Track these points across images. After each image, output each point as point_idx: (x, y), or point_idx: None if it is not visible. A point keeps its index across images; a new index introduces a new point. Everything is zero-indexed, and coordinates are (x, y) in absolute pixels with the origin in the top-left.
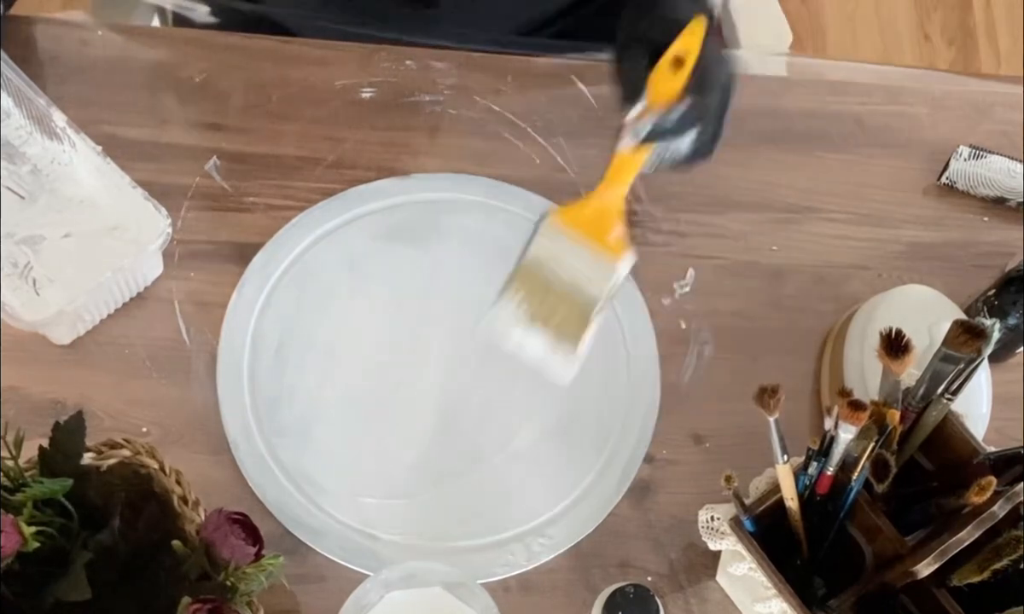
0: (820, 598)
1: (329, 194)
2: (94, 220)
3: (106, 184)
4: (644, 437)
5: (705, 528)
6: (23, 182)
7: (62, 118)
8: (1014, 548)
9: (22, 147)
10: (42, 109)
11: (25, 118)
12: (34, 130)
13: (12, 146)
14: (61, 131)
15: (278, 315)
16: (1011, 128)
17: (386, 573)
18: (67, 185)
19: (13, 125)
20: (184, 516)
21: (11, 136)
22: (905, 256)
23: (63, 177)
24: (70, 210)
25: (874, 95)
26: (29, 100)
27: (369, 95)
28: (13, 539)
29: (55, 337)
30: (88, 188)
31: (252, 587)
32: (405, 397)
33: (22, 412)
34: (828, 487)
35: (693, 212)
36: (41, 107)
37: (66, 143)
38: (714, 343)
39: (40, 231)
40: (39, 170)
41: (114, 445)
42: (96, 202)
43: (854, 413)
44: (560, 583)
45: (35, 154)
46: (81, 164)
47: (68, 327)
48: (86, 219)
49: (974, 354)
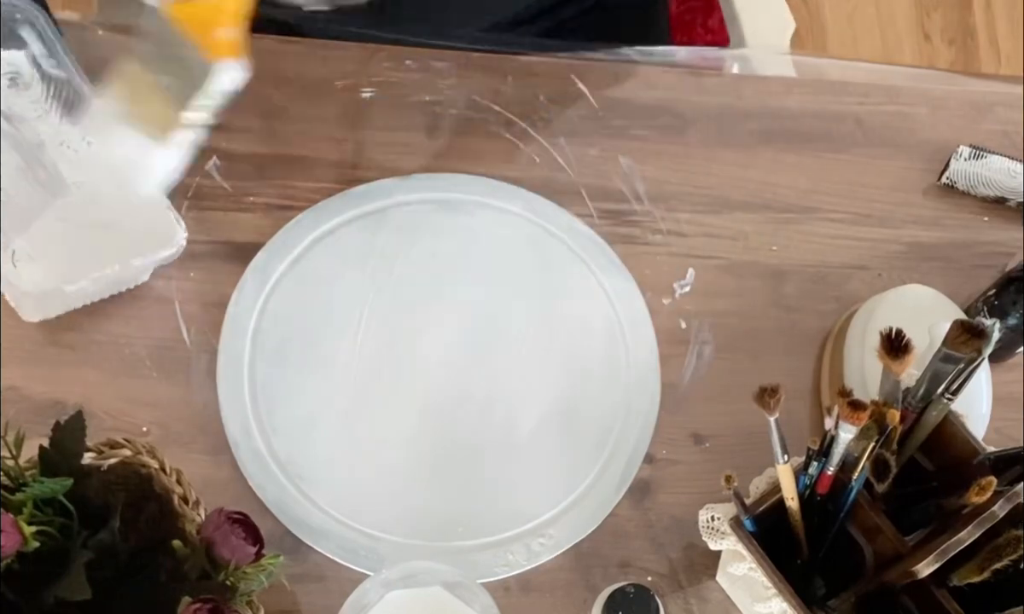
0: (820, 598)
1: (329, 194)
2: (89, 213)
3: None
4: (644, 437)
5: (705, 528)
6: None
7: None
8: (1014, 548)
9: (35, 121)
10: (72, 95)
11: (48, 97)
12: (53, 109)
13: (23, 119)
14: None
15: (278, 315)
16: (1011, 128)
17: (386, 573)
18: (69, 171)
19: (30, 97)
20: (184, 516)
21: (25, 108)
22: (905, 256)
23: (67, 162)
24: (68, 196)
25: (874, 95)
26: (67, 83)
27: (369, 95)
28: (13, 539)
29: (23, 312)
30: (95, 182)
31: (252, 587)
32: (405, 397)
33: (22, 412)
34: (828, 487)
35: (693, 212)
36: (72, 93)
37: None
38: (714, 343)
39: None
40: (45, 147)
41: (114, 445)
42: (96, 197)
43: (854, 413)
44: (560, 583)
45: (45, 132)
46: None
47: (35, 307)
48: (82, 210)
49: (974, 354)
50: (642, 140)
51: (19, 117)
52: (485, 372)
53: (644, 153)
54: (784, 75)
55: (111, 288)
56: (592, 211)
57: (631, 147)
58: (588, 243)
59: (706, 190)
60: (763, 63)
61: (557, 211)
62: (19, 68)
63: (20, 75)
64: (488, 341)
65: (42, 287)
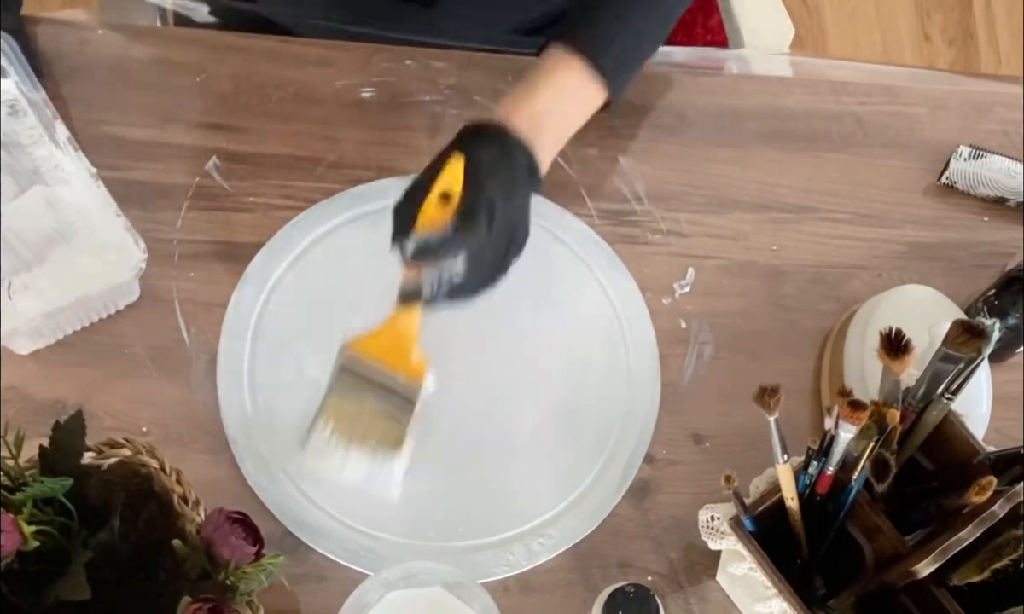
0: (820, 598)
1: (329, 194)
2: (78, 237)
3: (95, 207)
4: (644, 437)
5: (705, 528)
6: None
7: (64, 132)
8: (1014, 548)
9: (31, 147)
10: (48, 119)
11: (37, 121)
12: (44, 134)
13: (21, 145)
14: (63, 145)
15: (278, 315)
16: (1011, 128)
17: (386, 573)
18: (64, 193)
19: (27, 124)
20: (184, 515)
21: (23, 135)
22: (905, 256)
23: (61, 184)
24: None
25: (874, 95)
26: (39, 107)
27: (369, 95)
28: (13, 538)
29: (16, 347)
30: (79, 204)
31: (252, 586)
32: None
33: (22, 412)
34: (828, 487)
35: (693, 212)
36: (47, 117)
37: (67, 156)
38: (714, 343)
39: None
40: (40, 173)
41: (114, 445)
42: (85, 220)
43: (854, 413)
44: (560, 583)
45: (41, 156)
46: (75, 180)
47: (30, 338)
48: (72, 234)
49: (974, 354)
50: (642, 140)
51: (17, 145)
52: (485, 372)
53: (644, 153)
54: (784, 75)
55: (97, 312)
56: (592, 211)
57: (631, 147)
58: (588, 243)
59: (706, 190)
60: (763, 63)
61: (557, 211)
62: (14, 96)
63: (17, 102)
64: (488, 341)
65: (40, 318)
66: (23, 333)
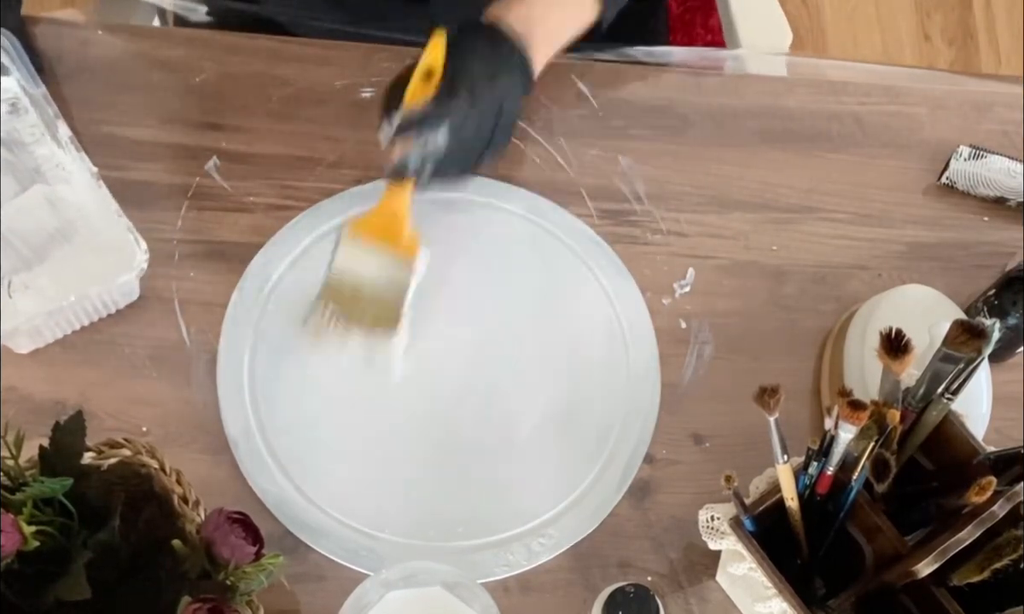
0: (820, 598)
1: (329, 194)
2: (79, 237)
3: (96, 206)
4: (644, 437)
5: (705, 528)
6: (21, 178)
7: (66, 131)
8: (1014, 548)
9: (32, 145)
10: (50, 117)
11: (39, 119)
12: (46, 133)
13: (22, 144)
14: (64, 143)
15: (278, 315)
16: (1011, 128)
17: (386, 573)
18: (65, 192)
19: (29, 122)
20: (184, 516)
21: (24, 133)
22: (905, 256)
23: (63, 182)
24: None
25: (874, 95)
26: (40, 105)
27: (369, 95)
28: (13, 538)
29: (16, 346)
30: (80, 204)
31: (252, 586)
32: (405, 397)
33: (22, 412)
34: (828, 487)
35: (693, 212)
36: (49, 115)
37: (69, 155)
38: (714, 343)
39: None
40: (42, 172)
41: (114, 445)
42: (86, 220)
43: (854, 413)
44: (560, 583)
45: (42, 155)
46: (77, 180)
47: (30, 337)
48: (73, 233)
49: (974, 354)
50: (642, 140)
51: (18, 143)
52: (485, 372)
53: (644, 153)
54: (784, 75)
55: (97, 311)
56: (592, 211)
57: (631, 147)
58: (588, 243)
59: (706, 190)
60: (763, 63)
61: (557, 211)
62: (16, 93)
63: (19, 99)
64: (488, 341)
65: (41, 316)
66: (23, 332)
